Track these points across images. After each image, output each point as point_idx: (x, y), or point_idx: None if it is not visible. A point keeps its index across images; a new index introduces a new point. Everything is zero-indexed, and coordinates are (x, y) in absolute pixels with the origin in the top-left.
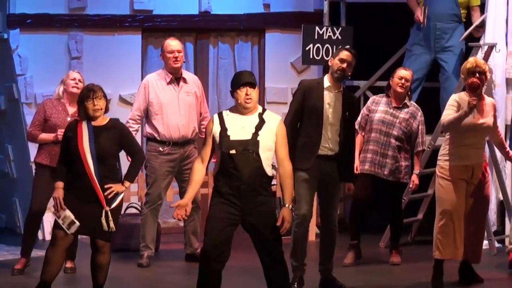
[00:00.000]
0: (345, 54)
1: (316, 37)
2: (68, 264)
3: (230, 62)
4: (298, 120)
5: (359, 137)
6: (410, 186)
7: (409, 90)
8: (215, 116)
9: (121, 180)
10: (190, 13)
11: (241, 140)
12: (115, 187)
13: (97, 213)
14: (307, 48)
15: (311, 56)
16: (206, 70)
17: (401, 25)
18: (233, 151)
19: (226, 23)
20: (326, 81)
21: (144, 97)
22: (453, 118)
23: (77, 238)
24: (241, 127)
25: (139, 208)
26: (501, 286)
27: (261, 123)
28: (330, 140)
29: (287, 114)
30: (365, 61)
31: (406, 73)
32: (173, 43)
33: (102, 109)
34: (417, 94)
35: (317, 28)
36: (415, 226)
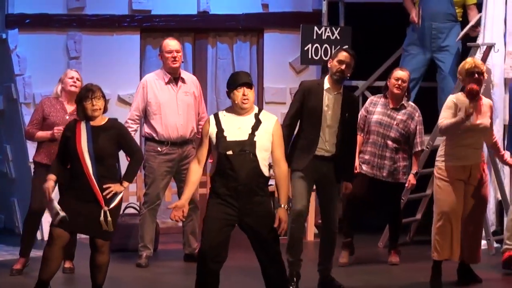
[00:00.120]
0: (344, 56)
1: (315, 37)
2: (67, 264)
3: (229, 62)
4: (297, 121)
5: (359, 138)
6: (407, 186)
7: (407, 91)
8: (211, 117)
9: (120, 180)
10: (189, 13)
11: (238, 141)
12: (114, 187)
13: (96, 213)
14: (306, 48)
15: (310, 56)
16: (205, 70)
17: (400, 25)
18: (230, 152)
19: (225, 23)
20: (326, 83)
21: (143, 97)
22: (450, 124)
23: (76, 238)
24: (238, 128)
25: (138, 208)
26: (500, 286)
27: (258, 124)
28: (328, 142)
29: (286, 114)
30: (364, 61)
31: (403, 74)
32: (172, 43)
33: (101, 109)
34: (415, 94)
35: (316, 28)
36: (414, 226)
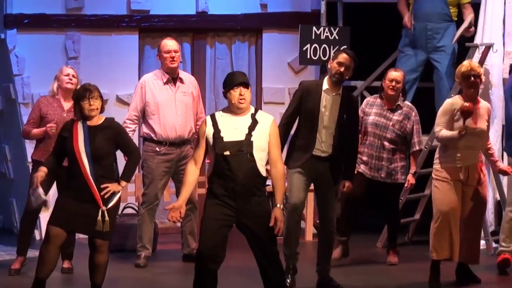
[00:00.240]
0: (344, 58)
1: (313, 37)
2: (65, 264)
3: (227, 62)
4: (294, 121)
5: None
6: (406, 186)
7: (403, 91)
8: (208, 118)
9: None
10: (187, 13)
11: (235, 141)
12: (112, 187)
13: (94, 213)
14: (304, 48)
15: (308, 56)
16: (203, 70)
17: (399, 25)
18: (227, 152)
19: (223, 23)
20: (325, 84)
21: (141, 97)
22: (445, 138)
23: (74, 238)
24: (234, 128)
25: (136, 209)
26: (499, 287)
27: (254, 124)
28: (324, 143)
29: (284, 113)
30: (362, 61)
31: (397, 74)
32: (170, 43)
33: (98, 109)
34: (412, 95)
35: (314, 28)
36: (413, 226)
